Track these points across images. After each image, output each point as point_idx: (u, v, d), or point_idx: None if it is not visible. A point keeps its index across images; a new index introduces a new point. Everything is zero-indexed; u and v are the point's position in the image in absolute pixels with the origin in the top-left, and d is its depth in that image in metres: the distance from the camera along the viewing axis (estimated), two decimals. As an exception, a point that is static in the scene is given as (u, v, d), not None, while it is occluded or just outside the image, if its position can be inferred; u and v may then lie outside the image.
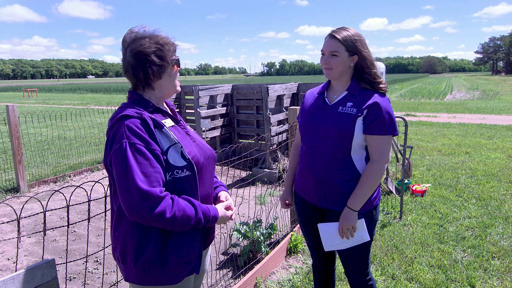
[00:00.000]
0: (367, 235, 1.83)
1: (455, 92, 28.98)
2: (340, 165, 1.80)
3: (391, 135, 1.77)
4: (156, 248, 1.35)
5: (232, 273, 3.14)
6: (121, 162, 1.26)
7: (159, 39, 1.41)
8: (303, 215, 2.07)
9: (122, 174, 1.25)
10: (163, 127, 1.38)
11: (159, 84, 1.44)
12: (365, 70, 1.79)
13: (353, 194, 1.78)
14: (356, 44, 1.75)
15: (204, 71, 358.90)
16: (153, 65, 1.38)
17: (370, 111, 1.74)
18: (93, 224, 4.21)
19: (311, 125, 1.88)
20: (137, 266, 1.35)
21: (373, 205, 1.87)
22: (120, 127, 1.30)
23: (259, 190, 5.32)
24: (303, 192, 1.99)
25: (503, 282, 2.90)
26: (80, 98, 30.56)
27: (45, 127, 11.25)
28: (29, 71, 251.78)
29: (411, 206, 4.51)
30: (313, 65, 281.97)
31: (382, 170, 1.77)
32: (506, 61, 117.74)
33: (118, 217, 1.40)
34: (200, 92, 6.31)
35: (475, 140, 8.42)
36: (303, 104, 2.02)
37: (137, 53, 1.37)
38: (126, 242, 1.37)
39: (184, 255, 1.39)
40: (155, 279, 1.38)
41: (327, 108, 1.85)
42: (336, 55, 1.77)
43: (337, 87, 1.88)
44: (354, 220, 1.78)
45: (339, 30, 1.79)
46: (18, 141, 5.32)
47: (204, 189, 1.49)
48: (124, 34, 1.43)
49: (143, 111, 1.37)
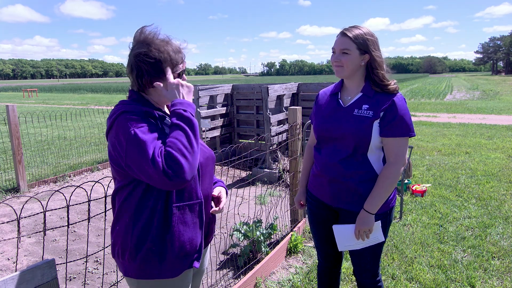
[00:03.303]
0: (382, 236, 1.84)
1: (455, 92, 28.97)
2: (357, 166, 1.79)
3: (408, 137, 1.75)
4: (155, 241, 1.35)
5: (232, 273, 3.14)
6: (135, 145, 1.24)
7: (170, 47, 1.40)
8: (316, 215, 2.05)
9: (138, 156, 1.23)
10: (165, 117, 1.41)
11: (153, 90, 1.42)
12: (374, 71, 1.77)
13: (370, 196, 1.77)
14: (367, 43, 1.74)
15: (204, 71, 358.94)
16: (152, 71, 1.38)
17: (387, 114, 1.72)
18: (93, 224, 4.21)
19: (326, 127, 1.86)
20: (137, 259, 1.36)
21: (389, 206, 1.86)
22: (121, 122, 1.30)
23: (259, 190, 5.32)
24: (317, 191, 1.98)
25: (503, 282, 2.90)
26: (80, 98, 30.56)
27: (45, 127, 11.25)
28: (29, 71, 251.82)
29: (411, 206, 4.51)
30: (313, 65, 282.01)
31: (398, 173, 1.75)
32: (506, 61, 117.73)
33: (119, 211, 1.41)
34: (200, 92, 6.31)
35: (475, 140, 8.42)
36: (316, 104, 2.00)
37: (136, 60, 1.38)
38: (127, 236, 1.37)
39: (183, 249, 1.40)
40: (154, 273, 1.38)
41: (342, 111, 1.83)
42: (347, 53, 1.75)
43: (350, 88, 1.86)
44: (371, 223, 1.78)
45: (351, 28, 1.78)
46: (18, 141, 5.32)
47: (204, 188, 1.50)
48: (135, 33, 1.42)
49: (144, 108, 1.37)
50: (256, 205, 4.73)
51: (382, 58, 1.79)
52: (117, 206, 1.41)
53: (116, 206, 1.42)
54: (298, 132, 3.64)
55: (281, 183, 5.49)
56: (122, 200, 1.39)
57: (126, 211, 1.38)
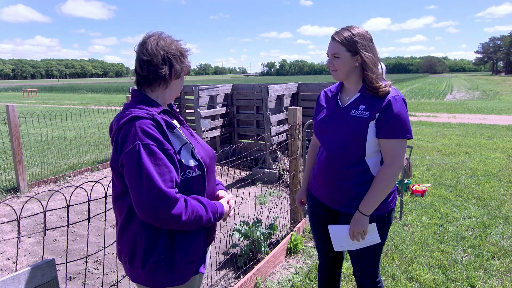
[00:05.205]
0: (378, 238, 1.82)
1: (455, 92, 28.97)
2: (353, 169, 1.78)
3: (405, 139, 1.72)
4: (164, 249, 1.35)
5: (232, 273, 3.14)
6: (135, 164, 1.25)
7: (181, 45, 1.46)
8: (316, 215, 2.05)
9: (136, 176, 1.24)
10: (175, 127, 1.39)
11: (174, 83, 1.46)
12: (364, 72, 1.77)
13: (365, 198, 1.76)
14: (356, 44, 1.72)
15: (204, 71, 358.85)
16: (177, 64, 1.42)
17: (382, 114, 1.70)
18: (93, 224, 4.21)
19: (324, 128, 1.87)
20: (146, 267, 1.36)
21: (388, 209, 1.84)
22: (131, 129, 1.29)
23: (259, 190, 5.32)
24: (317, 192, 1.99)
25: (503, 282, 2.90)
26: (80, 98, 30.56)
27: (45, 127, 11.25)
28: (29, 71, 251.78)
29: (411, 206, 4.51)
30: (313, 65, 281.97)
31: (394, 175, 1.73)
32: (506, 61, 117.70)
33: (126, 219, 1.39)
34: (200, 92, 6.31)
35: (475, 140, 8.42)
36: (317, 104, 2.01)
37: (167, 51, 1.40)
38: (136, 244, 1.36)
39: (190, 255, 1.40)
40: (162, 280, 1.38)
41: (340, 111, 1.83)
42: (338, 56, 1.76)
43: (349, 88, 1.86)
44: (365, 225, 1.77)
45: (340, 31, 1.77)
46: (18, 141, 5.32)
47: (210, 188, 1.51)
48: (146, 35, 1.45)
49: (153, 111, 1.36)
50: (256, 205, 4.73)
51: (374, 58, 1.75)
52: (124, 213, 1.39)
53: (123, 212, 1.39)
54: (298, 132, 3.64)
55: (281, 183, 5.49)
56: (129, 207, 1.37)
57: (134, 219, 1.37)
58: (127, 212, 1.38)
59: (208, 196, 1.50)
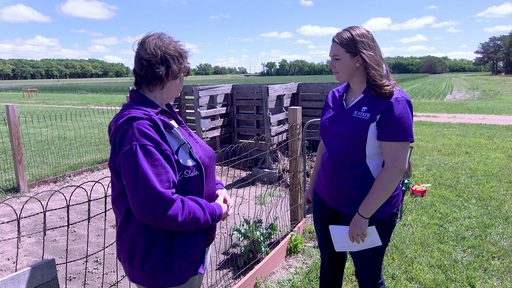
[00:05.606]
0: (378, 240, 1.82)
1: (455, 92, 28.97)
2: (354, 170, 1.78)
3: (406, 142, 1.69)
4: (163, 249, 1.35)
5: (232, 273, 3.14)
6: (131, 164, 1.25)
7: (180, 46, 1.46)
8: (320, 214, 2.06)
9: (133, 177, 1.25)
10: (173, 128, 1.40)
11: (170, 84, 1.45)
12: (366, 71, 1.75)
13: (364, 201, 1.75)
14: (356, 44, 1.71)
15: (204, 71, 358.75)
16: (175, 65, 1.41)
17: (383, 116, 1.68)
18: (93, 224, 4.21)
19: (327, 128, 1.87)
20: (145, 268, 1.36)
21: (390, 212, 1.83)
22: (128, 129, 1.29)
23: (259, 190, 5.32)
24: (320, 192, 2.01)
25: (503, 282, 2.90)
26: (80, 98, 30.56)
27: (45, 127, 11.25)
28: (29, 71, 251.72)
29: (411, 206, 4.51)
30: (313, 65, 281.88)
31: (394, 178, 1.70)
32: (506, 61, 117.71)
33: (125, 219, 1.39)
34: (200, 92, 6.31)
35: (475, 140, 8.42)
36: (325, 104, 2.02)
37: (165, 51, 1.40)
38: (135, 244, 1.37)
39: (189, 255, 1.40)
40: (161, 281, 1.38)
41: (344, 112, 1.83)
42: (338, 58, 1.76)
43: (354, 89, 1.86)
44: (364, 227, 1.76)
45: (340, 32, 1.77)
46: (18, 141, 5.32)
47: (209, 188, 1.51)
48: (146, 35, 1.45)
49: (151, 112, 1.36)
50: (256, 205, 4.73)
51: (376, 57, 1.73)
52: (123, 213, 1.39)
53: (122, 212, 1.39)
54: (298, 132, 3.64)
55: (281, 183, 5.49)
56: (127, 207, 1.37)
57: (133, 219, 1.37)
58: (126, 212, 1.38)
59: (208, 196, 1.50)
